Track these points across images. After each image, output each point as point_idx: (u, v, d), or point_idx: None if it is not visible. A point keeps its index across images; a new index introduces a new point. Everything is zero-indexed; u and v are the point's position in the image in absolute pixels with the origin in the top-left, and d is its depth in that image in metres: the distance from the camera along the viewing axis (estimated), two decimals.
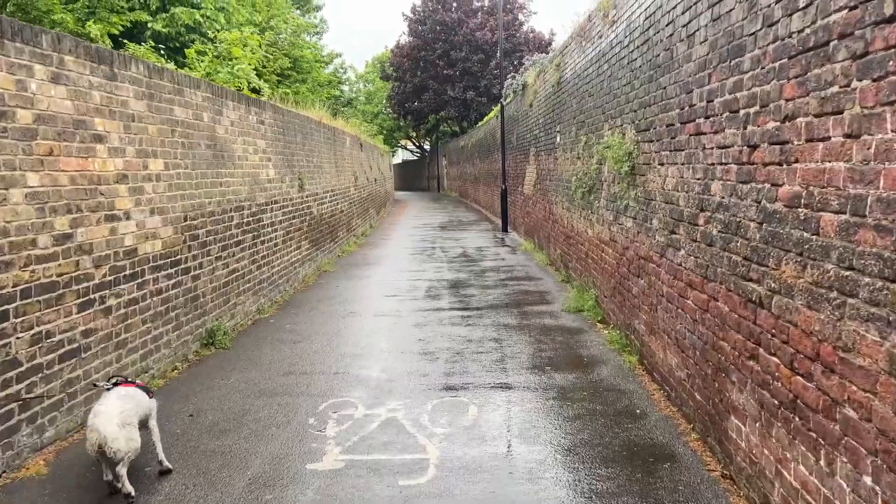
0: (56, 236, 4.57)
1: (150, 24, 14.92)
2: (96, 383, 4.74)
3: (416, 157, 63.49)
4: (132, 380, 4.60)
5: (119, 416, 3.84)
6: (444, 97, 37.47)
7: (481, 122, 27.43)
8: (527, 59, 14.72)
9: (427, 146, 55.78)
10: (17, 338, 4.21)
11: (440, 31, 37.42)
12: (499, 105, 18.84)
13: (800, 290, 3.02)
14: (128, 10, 14.17)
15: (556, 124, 10.55)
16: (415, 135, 53.17)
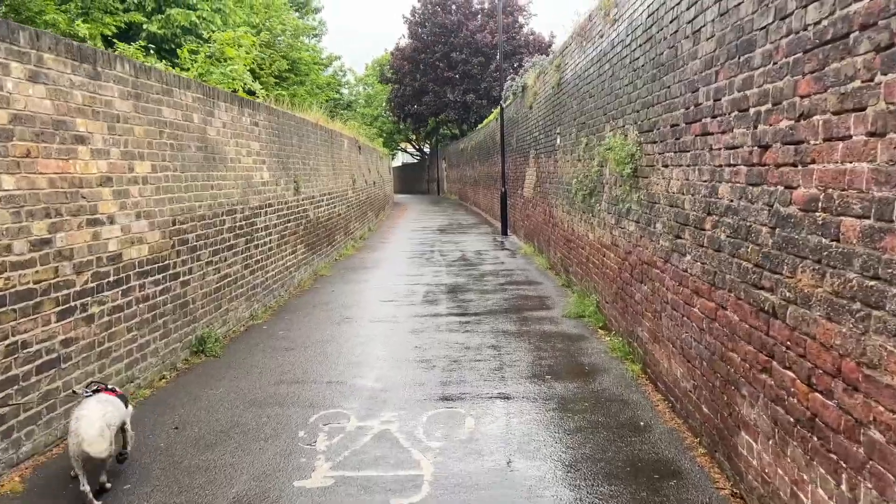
0: (33, 242, 4.36)
1: (145, 26, 14.72)
2: (75, 390, 4.62)
3: (415, 160, 63.30)
4: (112, 387, 4.47)
5: (101, 420, 3.85)
6: (444, 100, 37.24)
7: (481, 125, 27.23)
8: (526, 61, 14.51)
9: (427, 149, 55.59)
10: None
11: (440, 33, 37.21)
12: (498, 107, 18.65)
13: (818, 301, 2.81)
14: (122, 12, 13.96)
15: (557, 126, 10.35)
16: (414, 138, 52.97)
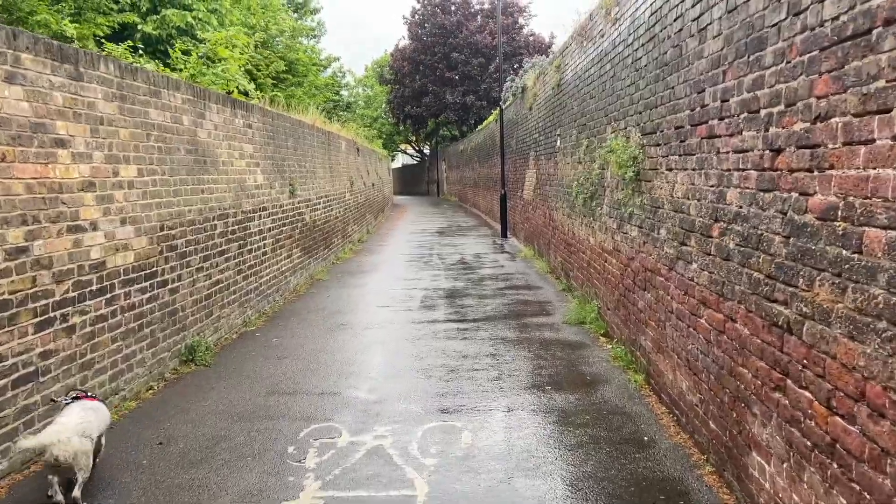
0: (8, 250, 4.16)
1: (140, 27, 14.52)
2: (54, 398, 4.44)
3: (415, 162, 63.07)
4: (93, 394, 4.30)
5: (78, 427, 3.75)
6: (444, 101, 37.03)
7: (481, 126, 27.03)
8: (526, 62, 14.31)
9: (427, 150, 55.38)
10: None
11: (440, 34, 37.02)
12: (498, 108, 18.46)
13: (838, 318, 2.61)
14: (116, 12, 13.76)
15: (557, 127, 10.15)
16: (414, 139, 52.75)
